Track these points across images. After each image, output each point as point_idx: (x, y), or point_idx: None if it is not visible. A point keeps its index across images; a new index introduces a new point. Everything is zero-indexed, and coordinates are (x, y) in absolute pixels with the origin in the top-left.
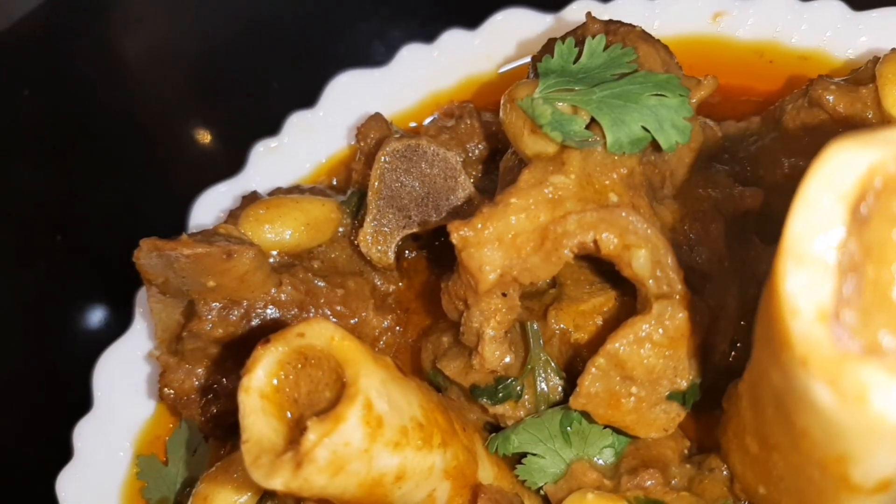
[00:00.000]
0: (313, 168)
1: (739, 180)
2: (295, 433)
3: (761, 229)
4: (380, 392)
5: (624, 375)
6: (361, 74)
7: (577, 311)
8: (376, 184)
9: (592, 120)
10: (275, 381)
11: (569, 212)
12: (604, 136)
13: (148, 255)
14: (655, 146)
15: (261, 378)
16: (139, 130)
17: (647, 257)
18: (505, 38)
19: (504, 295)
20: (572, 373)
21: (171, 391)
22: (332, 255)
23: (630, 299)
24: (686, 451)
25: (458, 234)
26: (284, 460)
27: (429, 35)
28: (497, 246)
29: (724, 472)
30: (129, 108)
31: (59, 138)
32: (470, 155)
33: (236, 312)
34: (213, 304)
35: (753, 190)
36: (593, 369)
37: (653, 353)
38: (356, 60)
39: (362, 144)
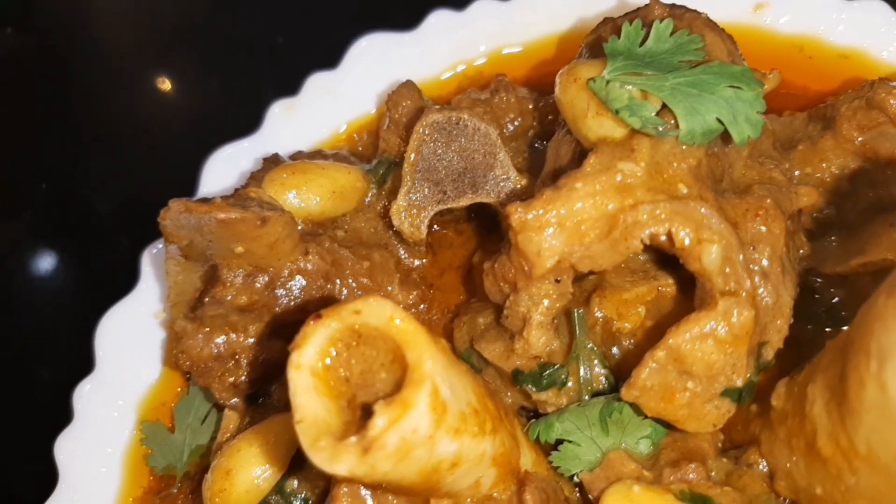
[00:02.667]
0: (332, 132)
1: (786, 177)
2: (348, 414)
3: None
4: (443, 377)
5: (681, 370)
6: (386, 38)
7: (620, 300)
8: (413, 156)
9: (662, 107)
10: (327, 360)
11: (640, 201)
12: (674, 125)
13: (176, 215)
14: (721, 139)
15: (311, 355)
16: (139, 78)
17: (719, 253)
18: (538, 10)
19: (557, 281)
20: (613, 361)
21: (188, 358)
22: (357, 226)
23: (673, 290)
24: (720, 445)
25: (517, 216)
26: (349, 445)
27: (459, 2)
28: (558, 231)
29: (763, 468)
30: (129, 53)
31: (45, 82)
32: (504, 131)
33: (261, 280)
34: (238, 271)
35: (808, 188)
36: (652, 363)
37: (715, 350)
38: (379, 23)
39: (393, 113)
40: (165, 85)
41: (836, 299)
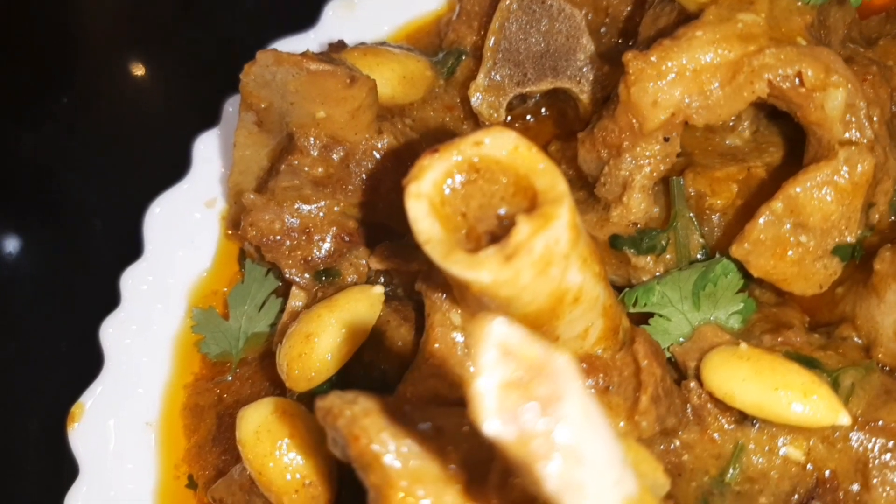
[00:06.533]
0: (390, 31)
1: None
2: (467, 245)
3: None
4: (573, 203)
5: (797, 222)
6: None
7: (713, 177)
8: (496, 34)
9: None
10: (447, 192)
11: (764, 46)
12: None
13: (261, 69)
14: (827, 6)
15: (429, 186)
16: None
17: (843, 99)
18: None
19: (666, 140)
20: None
21: (256, 230)
22: (424, 116)
23: (763, 172)
24: (806, 325)
25: (635, 63)
26: (489, 254)
27: None
28: (677, 80)
29: (857, 341)
30: None
31: None
32: None
33: (338, 153)
34: (316, 141)
35: None
36: (767, 213)
37: (834, 199)
38: None
39: (465, 3)
40: None
41: None
